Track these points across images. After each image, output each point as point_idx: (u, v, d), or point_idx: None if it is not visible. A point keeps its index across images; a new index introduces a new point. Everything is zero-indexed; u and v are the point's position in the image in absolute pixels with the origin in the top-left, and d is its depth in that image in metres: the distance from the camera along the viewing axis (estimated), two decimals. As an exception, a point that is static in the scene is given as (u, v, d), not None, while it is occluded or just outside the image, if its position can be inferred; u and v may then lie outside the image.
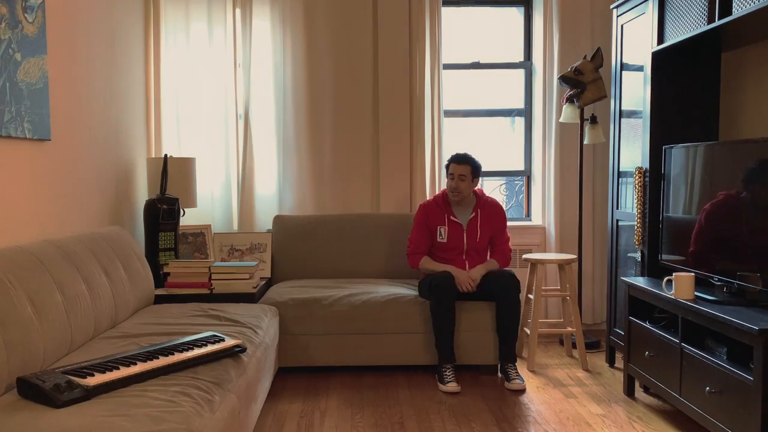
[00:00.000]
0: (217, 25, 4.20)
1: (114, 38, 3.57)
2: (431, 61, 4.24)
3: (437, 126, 4.27)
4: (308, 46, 4.24)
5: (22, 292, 2.13)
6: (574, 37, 4.29)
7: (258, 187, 4.30)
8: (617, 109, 3.70)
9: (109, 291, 2.75)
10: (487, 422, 2.89)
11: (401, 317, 3.48)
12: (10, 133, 2.42)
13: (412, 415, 2.97)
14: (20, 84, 2.49)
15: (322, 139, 4.27)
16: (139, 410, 1.80)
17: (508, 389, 3.31)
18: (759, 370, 2.20)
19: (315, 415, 2.98)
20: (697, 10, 2.88)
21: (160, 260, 3.61)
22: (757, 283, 2.52)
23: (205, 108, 4.24)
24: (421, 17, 4.21)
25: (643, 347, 3.04)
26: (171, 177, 3.74)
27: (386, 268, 4.08)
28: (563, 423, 2.88)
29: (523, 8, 4.55)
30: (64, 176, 2.93)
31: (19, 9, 2.49)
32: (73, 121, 3.04)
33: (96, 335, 2.61)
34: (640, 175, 3.32)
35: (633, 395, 3.22)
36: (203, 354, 2.29)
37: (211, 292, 3.45)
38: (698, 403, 2.58)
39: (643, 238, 3.34)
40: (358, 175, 4.31)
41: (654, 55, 3.26)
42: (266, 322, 3.05)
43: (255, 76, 4.24)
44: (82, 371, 1.99)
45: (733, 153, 2.68)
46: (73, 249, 2.61)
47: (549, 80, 4.32)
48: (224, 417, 2.01)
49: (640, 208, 3.34)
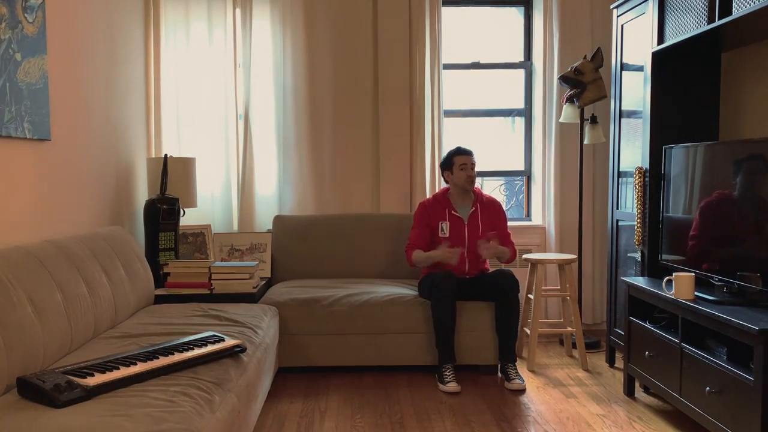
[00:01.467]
0: (217, 25, 4.20)
1: (114, 38, 3.57)
2: (431, 61, 4.24)
3: (437, 126, 4.27)
4: (308, 46, 4.24)
5: (22, 292, 2.13)
6: (574, 37, 4.29)
7: (258, 187, 4.30)
8: (617, 109, 3.70)
9: (109, 291, 2.75)
10: (487, 422, 2.88)
11: (401, 317, 3.48)
12: (10, 133, 2.42)
13: (412, 415, 2.97)
14: (20, 84, 2.49)
15: (322, 139, 4.27)
16: (139, 410, 1.80)
17: (508, 389, 3.31)
18: (759, 370, 2.20)
19: (315, 415, 2.98)
20: (697, 10, 2.88)
21: (160, 260, 3.61)
22: (757, 283, 2.52)
23: (205, 108, 4.24)
24: (421, 17, 4.21)
25: (643, 347, 3.04)
26: (171, 177, 3.74)
27: (386, 268, 4.08)
28: (563, 423, 2.88)
29: (523, 8, 4.55)
30: (64, 176, 2.93)
31: (19, 9, 2.49)
32: (73, 121, 3.04)
33: (96, 335, 2.61)
34: (640, 175, 3.32)
35: (633, 395, 3.22)
36: (203, 354, 2.29)
37: (211, 292, 3.45)
38: (698, 403, 2.58)
39: (643, 238, 3.34)
40: (358, 175, 4.31)
41: (654, 55, 3.26)
42: (266, 322, 3.05)
43: (255, 76, 4.24)
44: (82, 371, 1.99)
45: (733, 153, 2.68)
46: (73, 249, 2.61)
47: (549, 80, 4.32)
48: (224, 417, 2.01)
49: (640, 208, 3.33)
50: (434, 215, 3.63)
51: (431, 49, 4.24)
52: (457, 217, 3.62)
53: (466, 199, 3.67)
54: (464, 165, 3.61)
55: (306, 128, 4.26)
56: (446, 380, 3.29)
